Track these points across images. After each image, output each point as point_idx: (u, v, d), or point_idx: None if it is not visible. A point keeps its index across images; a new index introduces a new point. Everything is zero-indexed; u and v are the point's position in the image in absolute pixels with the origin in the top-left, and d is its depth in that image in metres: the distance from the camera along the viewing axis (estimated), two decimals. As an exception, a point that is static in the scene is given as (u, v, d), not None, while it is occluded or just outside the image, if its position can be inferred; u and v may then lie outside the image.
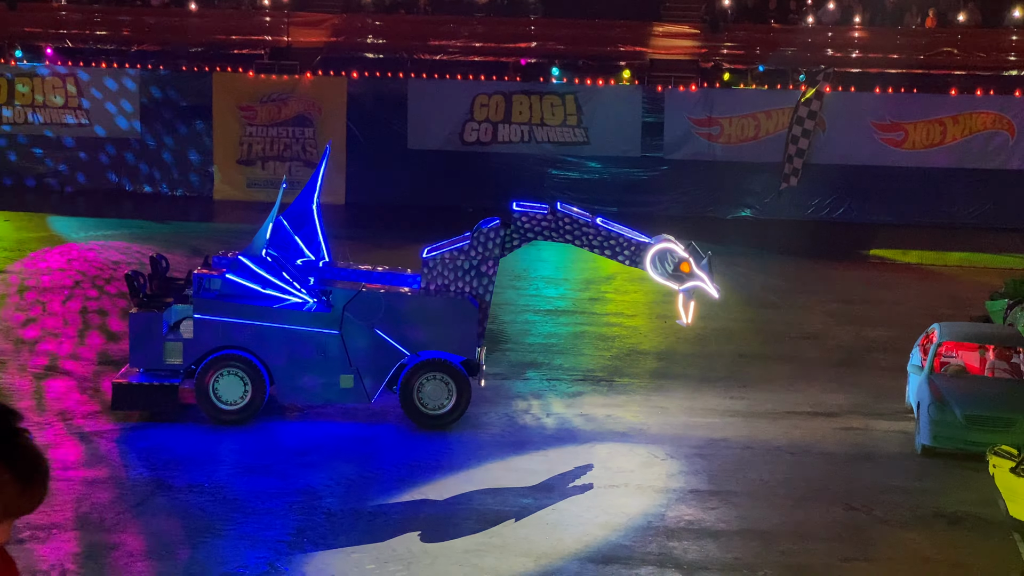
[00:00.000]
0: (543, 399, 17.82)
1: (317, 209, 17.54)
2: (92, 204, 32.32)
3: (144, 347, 16.28)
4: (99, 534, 12.70)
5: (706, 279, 16.36)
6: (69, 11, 35.83)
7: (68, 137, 34.01)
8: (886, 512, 14.00)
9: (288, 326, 16.09)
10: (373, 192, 33.15)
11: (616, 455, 15.58)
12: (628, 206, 31.00)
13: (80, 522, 12.95)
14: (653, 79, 33.56)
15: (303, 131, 33.52)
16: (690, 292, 16.44)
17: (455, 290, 16.37)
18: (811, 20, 35.03)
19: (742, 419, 17.14)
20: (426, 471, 14.82)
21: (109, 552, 12.30)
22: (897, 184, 32.65)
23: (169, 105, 33.65)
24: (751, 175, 32.93)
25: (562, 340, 21.22)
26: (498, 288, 17.87)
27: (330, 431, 16.09)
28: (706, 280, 16.36)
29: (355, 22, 35.34)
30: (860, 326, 22.55)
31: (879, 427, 16.98)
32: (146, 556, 12.27)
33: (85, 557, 12.18)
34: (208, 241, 25.26)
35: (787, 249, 28.95)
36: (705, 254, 16.61)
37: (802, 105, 32.26)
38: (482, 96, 33.31)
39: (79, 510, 13.23)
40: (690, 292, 16.44)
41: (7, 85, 33.99)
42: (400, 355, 16.13)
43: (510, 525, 13.27)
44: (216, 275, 16.35)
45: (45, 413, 16.35)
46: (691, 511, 13.85)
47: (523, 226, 16.54)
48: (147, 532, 12.83)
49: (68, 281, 24.06)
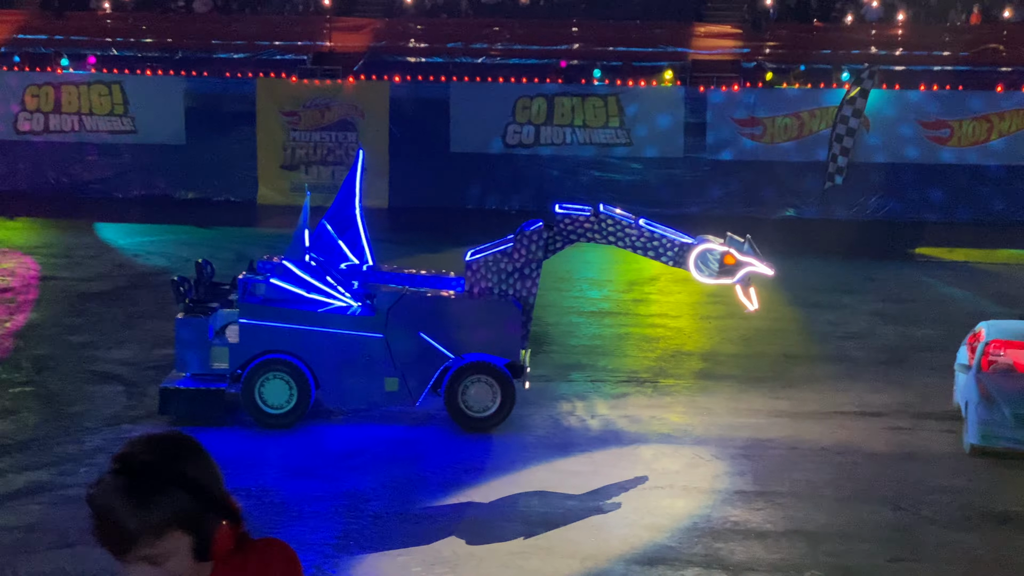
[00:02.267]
0: (587, 401, 17.81)
1: (360, 213, 17.60)
2: (138, 210, 32.55)
3: (190, 352, 16.39)
4: (147, 538, 12.78)
5: (754, 261, 16.30)
6: (114, 19, 36.13)
7: (114, 144, 34.26)
8: (934, 512, 13.91)
9: (332, 330, 16.16)
10: (416, 195, 33.24)
11: (661, 456, 15.56)
12: (671, 207, 30.96)
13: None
14: (695, 79, 33.48)
15: (346, 136, 33.64)
16: (745, 280, 16.38)
17: (498, 293, 16.39)
18: (852, 18, 34.86)
19: (787, 419, 17.08)
20: (471, 473, 14.84)
21: (157, 556, 12.38)
22: (943, 182, 32.45)
23: (213, 111, 33.83)
24: (795, 175, 32.80)
25: (606, 342, 21.20)
26: (542, 290, 17.88)
27: (375, 434, 16.14)
28: (755, 262, 16.30)
29: (397, 26, 35.45)
30: (906, 325, 22.42)
31: (926, 427, 16.87)
32: (194, 560, 12.34)
33: (134, 561, 12.25)
34: (253, 246, 25.38)
35: (832, 249, 28.81)
36: (744, 238, 16.58)
37: (846, 104, 32.10)
38: (524, 98, 33.33)
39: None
40: (745, 280, 16.38)
41: (54, 93, 34.29)
42: (444, 358, 16.17)
43: (555, 527, 13.27)
44: (261, 280, 16.45)
45: (93, 419, 16.49)
46: (737, 512, 13.81)
47: (566, 228, 16.54)
48: (195, 536, 12.90)
49: (114, 286, 24.24)
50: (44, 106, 34.34)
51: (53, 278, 24.87)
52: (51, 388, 17.84)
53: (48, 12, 35.70)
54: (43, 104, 34.34)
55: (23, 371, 18.65)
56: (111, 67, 34.69)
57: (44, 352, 19.65)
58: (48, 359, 19.27)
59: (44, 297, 23.33)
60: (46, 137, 34.44)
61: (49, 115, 34.35)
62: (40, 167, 34.43)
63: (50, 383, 18.08)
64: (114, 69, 34.58)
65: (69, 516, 12.92)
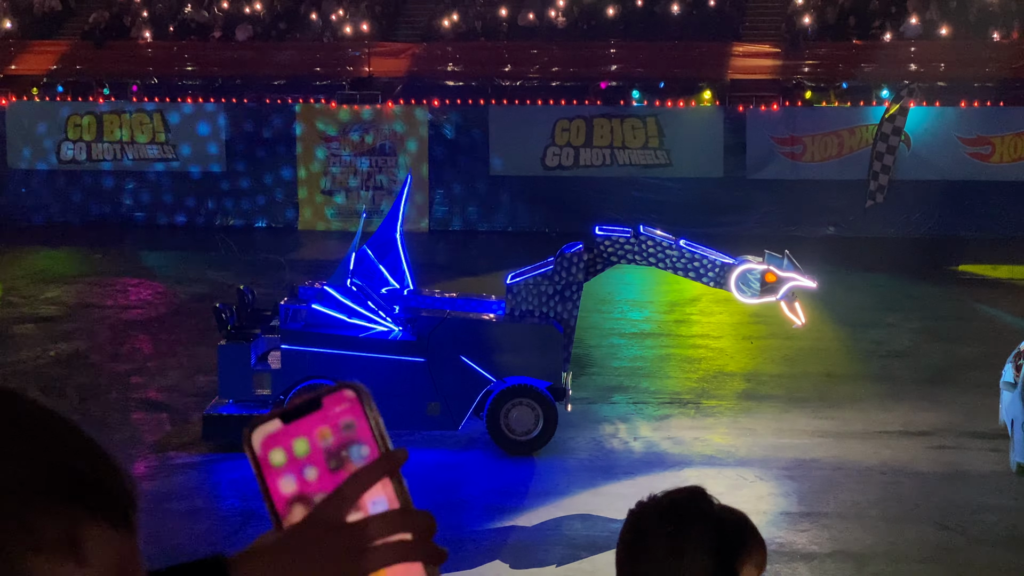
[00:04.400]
0: (630, 423, 17.77)
1: (401, 237, 17.65)
2: (180, 238, 32.74)
3: (233, 378, 16.46)
4: (193, 565, 12.83)
5: (796, 275, 16.25)
6: (154, 48, 36.41)
7: (156, 172, 34.50)
8: (981, 532, 13.80)
9: (374, 355, 16.19)
10: (456, 219, 33.31)
11: (705, 478, 15.49)
12: (711, 227, 30.84)
13: (174, 553, 13.10)
14: (734, 99, 33.42)
15: (386, 160, 33.75)
16: (789, 295, 16.34)
17: (539, 315, 16.39)
18: (891, 35, 34.73)
19: (832, 439, 16.98)
20: (515, 497, 14.83)
21: (203, 582, 12.43)
22: (985, 198, 32.23)
23: (254, 137, 34.03)
24: (835, 193, 32.65)
25: (648, 363, 21.16)
26: (583, 312, 17.86)
27: (418, 458, 16.15)
28: (797, 276, 16.26)
29: (435, 50, 35.58)
30: (950, 343, 22.26)
31: (972, 446, 16.73)
32: (239, 586, 12.38)
33: (179, 588, 12.31)
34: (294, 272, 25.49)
35: (873, 267, 28.66)
36: (783, 254, 16.54)
37: (886, 121, 31.95)
38: (563, 120, 33.35)
39: (174, 541, 13.39)
40: (789, 295, 16.34)
41: (96, 122, 34.57)
42: (486, 382, 16.17)
43: (600, 551, 13.23)
44: (302, 306, 16.51)
45: (138, 446, 16.58)
46: (782, 533, 13.74)
47: (606, 250, 16.54)
48: (239, 562, 12.95)
49: (157, 314, 24.39)
50: (86, 135, 34.63)
51: (96, 306, 25.04)
52: (96, 416, 17.94)
53: (90, 42, 36.01)
54: (85, 133, 34.62)
55: (67, 399, 18.76)
56: (152, 95, 34.96)
57: (88, 380, 19.77)
58: (92, 387, 19.39)
59: (87, 326, 23.48)
60: (88, 166, 34.71)
61: (91, 144, 34.63)
62: (82, 196, 34.70)
63: (94, 411, 18.18)
64: (155, 98, 34.85)
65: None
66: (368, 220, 17.92)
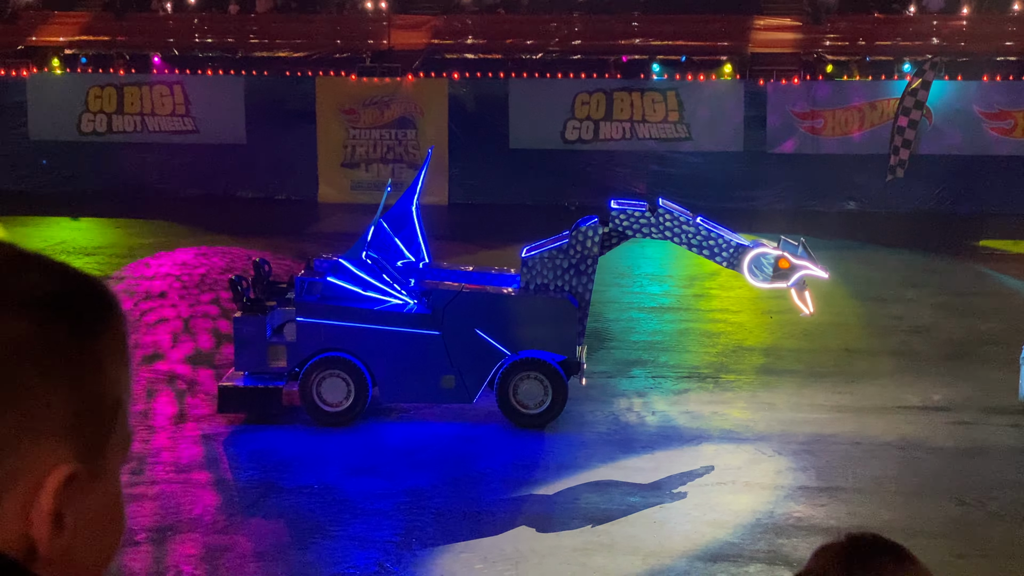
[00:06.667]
0: (648, 397, 17.75)
1: (416, 211, 17.63)
2: (199, 210, 32.74)
3: (248, 351, 16.46)
4: (213, 536, 12.88)
5: (809, 264, 16.23)
6: (175, 20, 36.38)
7: (176, 144, 34.52)
8: (1000, 507, 13.75)
9: (389, 328, 16.19)
10: (475, 192, 33.25)
11: (723, 452, 15.48)
12: (731, 201, 30.77)
13: (194, 524, 13.15)
14: (755, 73, 33.26)
15: (405, 133, 33.71)
16: (800, 283, 16.33)
17: (554, 289, 16.36)
18: (914, 9, 34.52)
19: (850, 414, 16.94)
20: (532, 470, 14.83)
21: (222, 554, 12.47)
22: (1006, 173, 32.05)
23: (273, 110, 33.99)
24: (856, 167, 32.50)
25: (667, 337, 21.12)
26: (602, 286, 17.85)
27: (434, 431, 16.16)
28: (809, 265, 16.24)
29: (455, 23, 35.47)
30: (971, 319, 22.16)
31: (992, 421, 16.67)
32: (258, 558, 12.42)
33: (199, 559, 12.35)
34: (312, 245, 25.48)
35: (894, 241, 28.54)
36: (798, 241, 16.50)
37: (908, 95, 31.76)
38: (583, 94, 33.25)
39: (193, 512, 13.43)
40: (800, 283, 16.33)
41: (116, 94, 34.59)
42: (501, 355, 16.15)
43: (617, 523, 13.24)
44: (318, 279, 16.51)
45: (157, 417, 16.62)
46: (800, 508, 13.71)
47: (621, 223, 16.49)
48: (259, 534, 12.99)
49: (176, 286, 24.42)
50: (107, 107, 34.65)
51: (116, 278, 25.09)
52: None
53: (110, 14, 35.99)
54: (106, 105, 34.64)
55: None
56: (172, 67, 34.96)
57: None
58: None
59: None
60: (109, 138, 34.73)
61: (112, 115, 34.65)
62: (103, 167, 34.72)
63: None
64: (175, 69, 34.84)
65: (134, 514, 13.01)
66: (392, 194, 17.84)
